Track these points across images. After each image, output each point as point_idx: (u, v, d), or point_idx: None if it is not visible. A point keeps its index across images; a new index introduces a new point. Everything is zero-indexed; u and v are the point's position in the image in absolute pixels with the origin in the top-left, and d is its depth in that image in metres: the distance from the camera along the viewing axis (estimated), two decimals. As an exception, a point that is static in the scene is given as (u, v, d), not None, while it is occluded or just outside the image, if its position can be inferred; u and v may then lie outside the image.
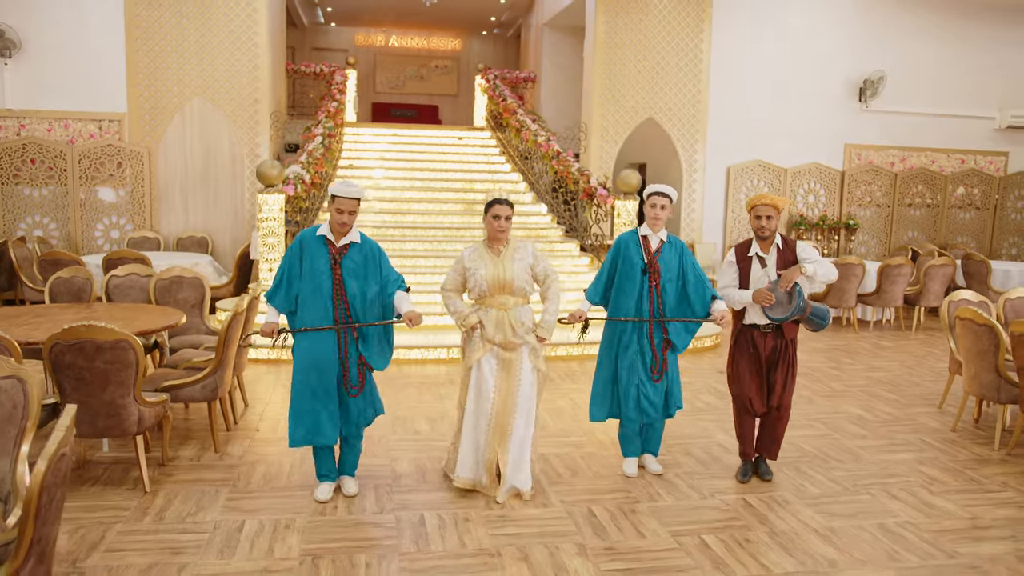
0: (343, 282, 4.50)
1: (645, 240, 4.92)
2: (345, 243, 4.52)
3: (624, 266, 4.91)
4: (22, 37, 10.44)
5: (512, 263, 4.63)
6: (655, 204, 4.86)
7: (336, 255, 4.50)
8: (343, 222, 4.43)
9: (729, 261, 4.99)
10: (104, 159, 10.83)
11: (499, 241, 4.67)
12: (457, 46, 19.81)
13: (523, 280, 4.64)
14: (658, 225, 4.89)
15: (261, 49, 11.09)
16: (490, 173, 13.12)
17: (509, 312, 4.63)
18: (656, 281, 4.86)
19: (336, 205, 4.42)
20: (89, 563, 3.86)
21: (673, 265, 4.89)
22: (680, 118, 12.13)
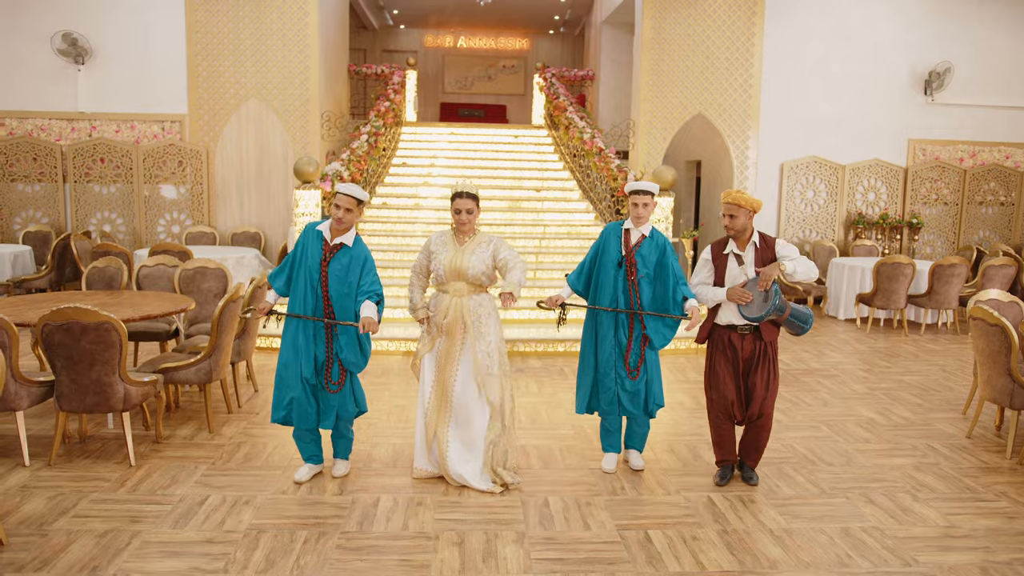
0: (327, 280, 4.65)
1: (627, 233, 4.87)
2: (337, 243, 4.67)
3: (603, 257, 4.89)
4: (93, 45, 11.16)
5: (471, 254, 4.67)
6: (636, 203, 4.80)
7: (327, 253, 4.65)
8: (339, 218, 4.59)
9: (704, 258, 4.88)
10: (166, 158, 11.44)
11: (465, 233, 4.73)
12: (525, 46, 19.91)
13: (479, 271, 4.66)
14: (641, 221, 4.84)
15: (311, 51, 11.47)
16: (541, 171, 13.17)
17: (463, 299, 4.68)
18: (632, 276, 4.80)
19: (335, 201, 4.60)
20: (54, 527, 4.13)
21: (651, 261, 4.82)
22: (731, 113, 11.85)
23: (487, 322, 4.75)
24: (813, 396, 6.94)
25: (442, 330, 4.70)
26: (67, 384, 4.87)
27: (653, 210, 4.91)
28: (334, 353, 4.70)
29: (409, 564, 3.83)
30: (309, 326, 4.68)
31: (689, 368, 7.89)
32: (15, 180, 11.31)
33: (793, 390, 7.12)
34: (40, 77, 11.19)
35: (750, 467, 4.96)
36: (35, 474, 4.83)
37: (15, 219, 11.34)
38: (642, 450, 5.14)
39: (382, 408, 6.35)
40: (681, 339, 8.51)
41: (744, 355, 4.76)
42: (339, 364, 4.73)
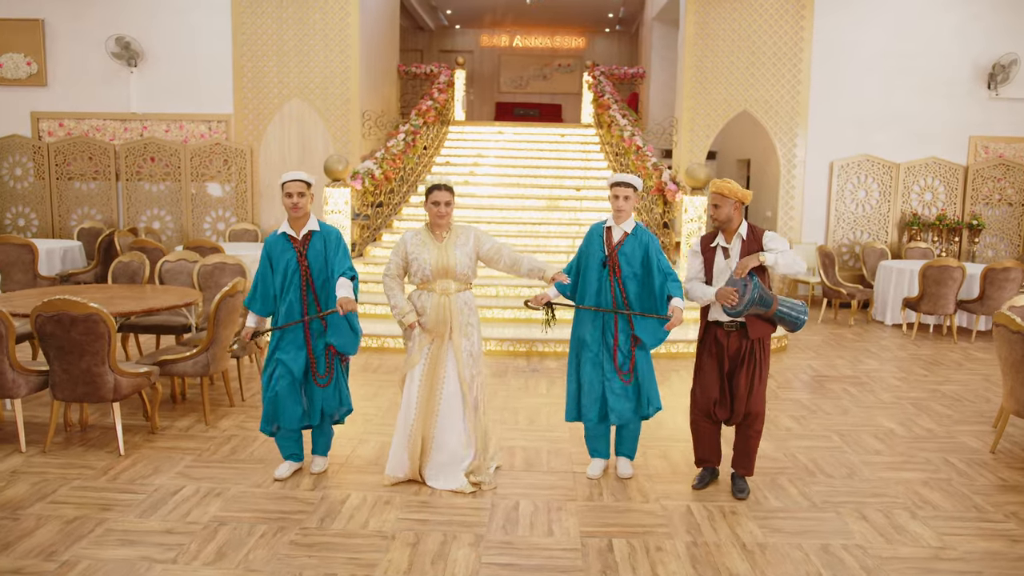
0: (309, 272, 4.65)
1: (608, 232, 4.71)
2: (306, 233, 4.67)
3: (587, 259, 4.74)
4: (144, 47, 11.54)
5: (455, 249, 4.60)
6: (617, 195, 4.63)
7: (300, 248, 4.65)
8: (293, 204, 4.59)
9: (693, 251, 4.69)
10: (212, 157, 11.75)
11: (441, 227, 4.65)
12: (581, 44, 19.73)
13: (465, 266, 4.60)
14: (622, 217, 4.67)
15: (352, 51, 11.59)
16: (583, 170, 13.01)
17: (451, 297, 4.60)
18: (616, 275, 4.64)
19: (285, 190, 4.59)
20: (28, 511, 4.24)
21: (636, 259, 4.64)
22: (777, 110, 11.44)
23: (472, 321, 4.68)
24: (834, 404, 6.61)
25: (432, 332, 4.62)
26: (59, 374, 5.01)
27: (634, 205, 4.72)
28: (323, 344, 4.68)
29: (356, 563, 3.78)
30: (300, 333, 4.67)
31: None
32: (72, 178, 11.80)
33: (814, 397, 6.80)
34: (96, 80, 11.64)
35: (741, 476, 4.73)
36: (28, 460, 4.98)
37: (72, 216, 11.83)
38: (632, 457, 4.95)
39: (382, 405, 6.34)
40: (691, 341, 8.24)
41: (730, 353, 4.55)
42: (327, 357, 4.70)
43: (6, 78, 11.58)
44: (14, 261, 9.10)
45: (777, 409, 6.43)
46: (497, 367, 7.66)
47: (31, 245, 9.08)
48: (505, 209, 11.58)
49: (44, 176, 11.75)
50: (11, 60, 11.52)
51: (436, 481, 4.66)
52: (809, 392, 6.97)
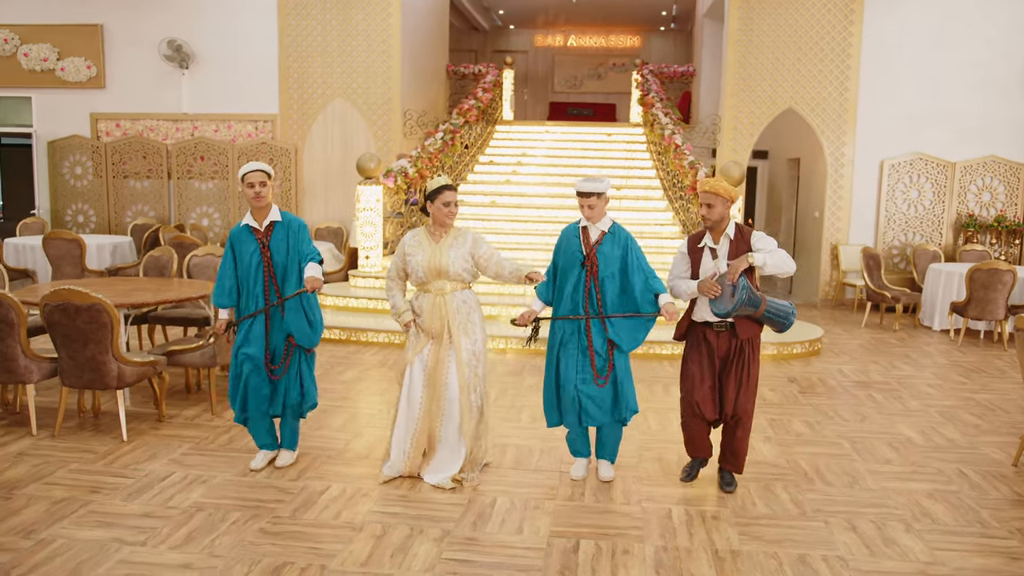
0: (272, 262, 4.71)
1: (585, 232, 4.60)
2: (268, 223, 4.73)
3: (564, 260, 4.62)
4: (195, 50, 11.92)
5: (449, 249, 4.57)
6: (582, 205, 4.52)
7: (263, 239, 4.71)
8: (255, 194, 4.64)
9: (681, 252, 4.58)
10: (258, 156, 12.05)
11: (443, 227, 4.64)
12: (636, 43, 19.50)
13: (460, 267, 4.56)
14: (595, 218, 4.57)
15: (393, 51, 11.72)
16: (627, 169, 12.86)
17: (446, 297, 4.58)
18: (594, 275, 4.54)
19: (246, 181, 4.63)
20: (23, 491, 4.42)
21: (614, 258, 4.53)
22: (824, 108, 11.06)
23: (473, 319, 4.64)
24: (853, 410, 6.35)
25: (430, 333, 4.63)
26: (66, 361, 5.21)
27: (603, 207, 4.54)
28: (283, 336, 4.73)
29: (316, 552, 3.81)
30: (257, 322, 4.72)
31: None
32: (128, 177, 12.27)
33: (834, 402, 6.54)
34: (151, 82, 12.08)
35: (729, 471, 4.62)
36: (36, 443, 5.19)
37: (127, 212, 12.30)
38: (614, 460, 4.84)
39: (390, 400, 6.37)
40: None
41: (720, 353, 4.44)
42: (285, 348, 4.73)
43: (68, 81, 12.12)
44: (64, 255, 9.51)
45: (791, 414, 6.21)
46: (515, 365, 7.63)
47: (79, 240, 9.47)
48: (543, 208, 11.53)
49: (102, 175, 12.25)
50: (72, 64, 12.05)
51: (428, 476, 4.66)
52: (830, 397, 6.71)
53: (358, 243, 9.82)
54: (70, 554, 3.73)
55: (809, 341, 8.26)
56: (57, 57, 12.07)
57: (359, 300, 9.16)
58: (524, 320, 4.62)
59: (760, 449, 5.40)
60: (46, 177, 12.34)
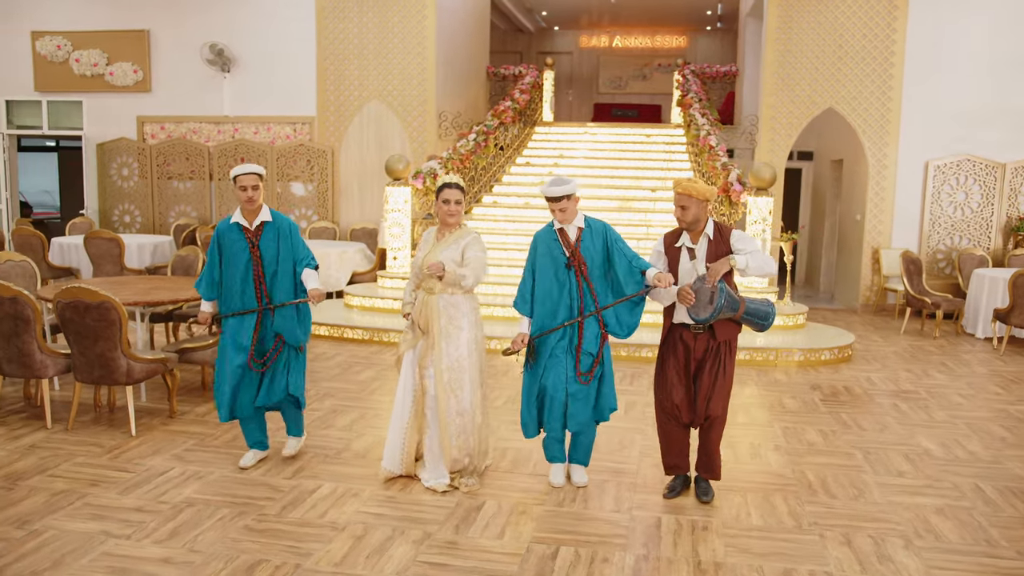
0: (261, 262, 4.75)
1: (562, 233, 4.51)
2: (258, 223, 4.77)
3: (544, 266, 4.50)
4: (236, 54, 12.18)
5: (444, 249, 4.57)
6: (553, 210, 4.43)
7: (252, 238, 4.75)
8: (247, 197, 4.69)
9: (657, 251, 4.48)
10: (296, 157, 12.25)
11: (448, 226, 4.63)
12: (682, 44, 19.22)
13: (450, 267, 4.55)
14: (567, 221, 4.49)
15: (428, 53, 11.78)
16: (664, 171, 12.68)
17: (433, 297, 4.57)
18: (583, 273, 4.46)
19: (239, 184, 4.68)
20: (26, 483, 4.55)
21: (597, 252, 4.45)
22: (866, 108, 10.73)
23: (459, 324, 4.57)
24: (874, 420, 6.13)
25: (419, 330, 4.64)
26: (78, 357, 5.35)
27: (575, 206, 4.44)
28: (268, 332, 4.77)
29: (294, 551, 3.83)
30: (247, 321, 4.77)
31: (753, 382, 7.25)
32: (171, 178, 12.60)
33: (855, 411, 6.32)
34: (194, 85, 12.39)
35: (704, 479, 4.52)
36: (49, 436, 5.35)
37: (170, 213, 12.63)
38: (587, 464, 4.76)
39: (399, 400, 6.39)
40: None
41: (696, 355, 4.34)
42: (274, 343, 4.77)
43: (116, 85, 12.51)
44: (104, 254, 9.80)
45: (807, 422, 6.03)
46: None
47: (118, 239, 9.75)
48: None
49: (147, 176, 12.61)
50: (120, 69, 12.43)
51: (423, 477, 4.65)
52: (853, 406, 6.49)
53: (386, 244, 9.90)
54: (57, 545, 3.82)
55: (839, 347, 8.01)
56: (106, 62, 12.47)
57: (385, 300, 9.22)
58: (518, 346, 4.51)
59: (767, 458, 5.25)
60: (95, 178, 12.76)
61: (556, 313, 4.46)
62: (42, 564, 3.65)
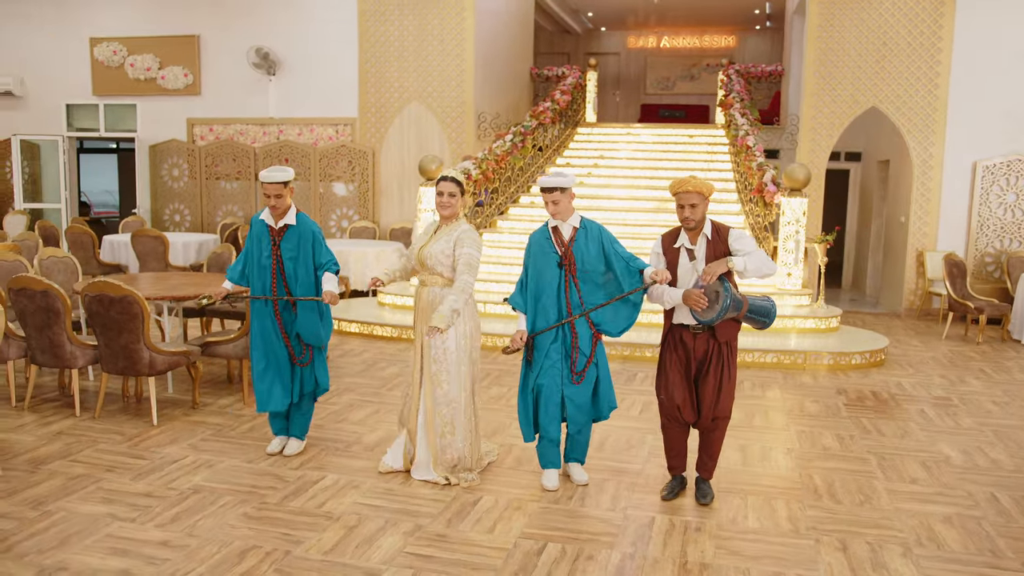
0: (282, 261, 4.91)
1: (556, 232, 4.51)
2: (283, 225, 4.93)
3: (538, 264, 4.51)
4: (281, 57, 12.47)
5: (437, 241, 4.63)
6: (547, 201, 4.44)
7: (275, 237, 4.93)
8: (271, 204, 4.86)
9: (655, 252, 4.45)
10: (338, 158, 12.49)
11: (445, 217, 4.70)
12: (731, 43, 18.95)
13: (438, 260, 4.57)
14: (561, 215, 4.49)
15: (467, 55, 11.89)
16: (705, 171, 12.52)
17: (425, 288, 4.66)
18: (572, 273, 4.46)
19: (264, 191, 4.85)
20: (47, 466, 4.77)
21: (591, 253, 4.43)
22: (911, 106, 10.43)
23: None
24: (896, 425, 5.97)
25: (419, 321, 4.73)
26: (104, 348, 5.58)
27: (570, 200, 4.44)
28: (294, 330, 4.93)
29: (287, 539, 3.93)
30: (269, 316, 4.93)
31: (777, 385, 7.13)
32: (219, 178, 12.97)
33: (877, 416, 6.17)
34: (241, 88, 12.73)
35: (704, 479, 4.49)
36: (77, 423, 5.58)
37: (217, 212, 13.01)
38: (584, 462, 4.75)
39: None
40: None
41: (697, 355, 4.30)
42: (299, 339, 4.95)
43: (167, 89, 12.94)
44: (149, 251, 10.15)
45: (825, 427, 5.91)
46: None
47: (163, 237, 10.09)
48: (612, 211, 11.38)
49: (196, 176, 13.01)
50: (172, 72, 12.86)
51: (416, 472, 4.72)
52: (877, 411, 6.34)
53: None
54: (65, 525, 4.00)
55: (870, 351, 7.82)
56: (158, 67, 12.91)
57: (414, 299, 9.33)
58: (517, 344, 4.51)
59: (776, 462, 5.17)
60: (147, 178, 13.21)
61: (548, 312, 4.47)
62: (49, 543, 3.82)
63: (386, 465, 4.80)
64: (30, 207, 13.21)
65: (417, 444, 4.70)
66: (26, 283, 5.53)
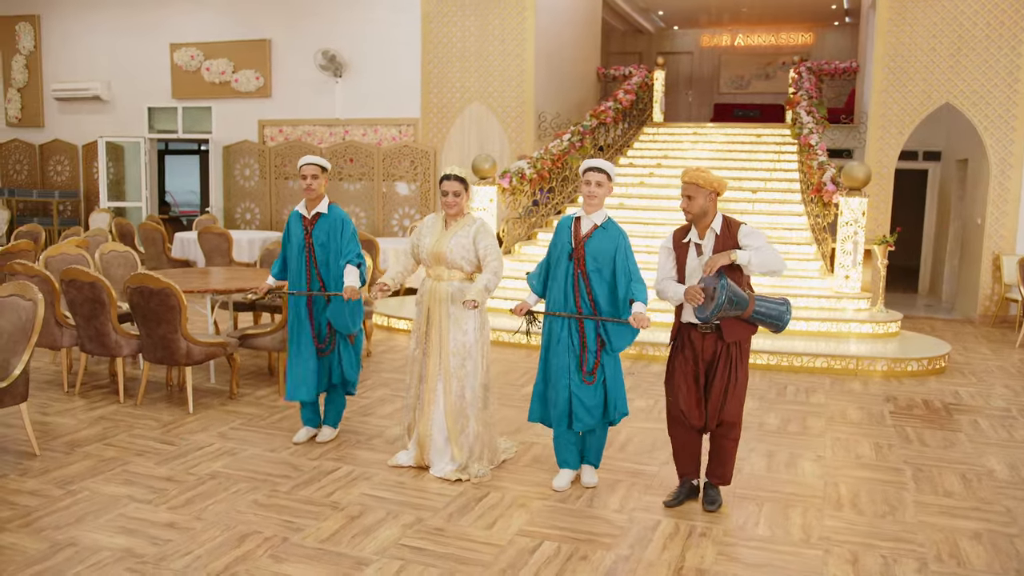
0: (314, 249, 5.06)
1: (577, 223, 4.48)
2: (315, 213, 5.07)
3: (555, 251, 4.52)
4: (347, 59, 12.76)
5: (453, 237, 4.67)
6: (589, 181, 4.40)
7: (308, 226, 5.08)
8: (306, 186, 5.02)
9: (666, 248, 4.34)
10: (400, 158, 12.69)
11: (451, 216, 4.74)
12: (808, 40, 18.35)
13: (458, 255, 4.63)
14: (592, 205, 4.44)
15: (527, 55, 11.89)
16: (770, 171, 12.20)
17: (441, 284, 4.69)
18: (581, 269, 4.42)
19: (300, 172, 5.04)
20: (83, 449, 5.01)
21: (603, 254, 4.36)
22: (988, 102, 9.88)
23: (468, 311, 4.65)
24: (942, 436, 5.66)
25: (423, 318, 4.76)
26: (145, 338, 5.82)
27: (607, 194, 4.40)
28: (322, 317, 5.06)
29: (288, 526, 4.02)
30: (303, 304, 5.07)
31: (823, 391, 6.86)
32: (287, 178, 13.36)
33: (922, 426, 5.86)
34: (309, 90, 13.09)
35: (714, 486, 4.34)
36: (119, 409, 5.84)
37: (284, 210, 13.40)
38: (597, 465, 4.66)
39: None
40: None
41: (705, 356, 4.17)
42: (328, 327, 5.07)
43: (240, 91, 13.41)
44: (214, 247, 10.54)
45: (864, 434, 5.66)
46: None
47: (227, 234, 10.46)
48: (669, 211, 11.19)
49: (266, 176, 13.44)
50: (244, 76, 13.32)
51: (435, 468, 4.75)
52: (924, 421, 6.03)
53: (470, 242, 10.07)
54: (85, 504, 4.20)
55: (928, 358, 7.44)
56: (232, 70, 13.39)
57: (465, 297, 9.39)
58: (518, 311, 4.59)
59: (803, 469, 4.98)
60: (220, 178, 13.73)
61: (556, 299, 4.48)
62: (66, 520, 4.01)
63: (396, 460, 4.85)
64: (114, 205, 13.91)
65: (434, 440, 4.72)
66: (76, 275, 5.83)
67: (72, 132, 14.60)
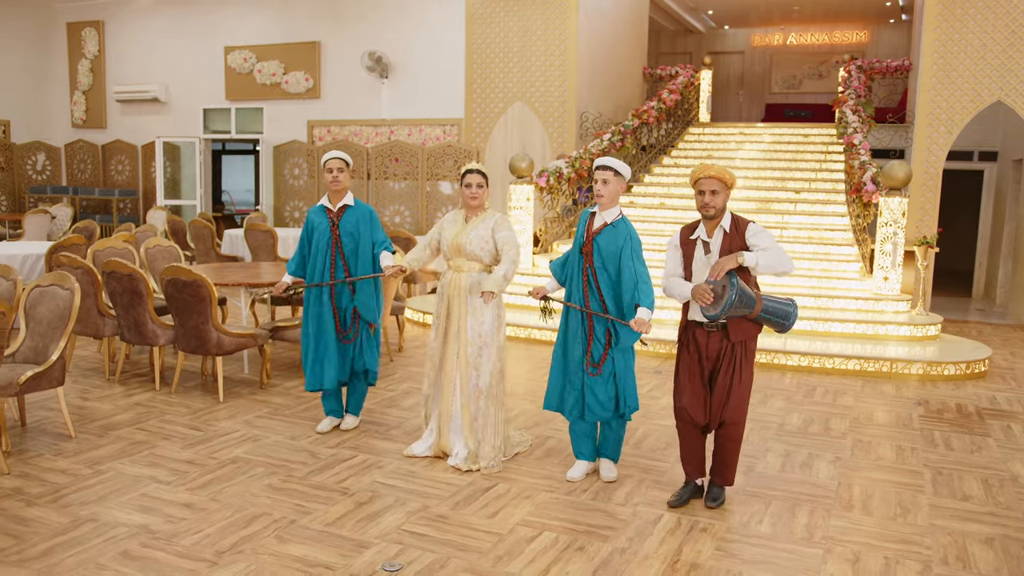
0: (340, 240, 5.22)
1: (591, 217, 4.54)
2: (342, 206, 5.23)
3: (574, 243, 4.63)
4: (393, 61, 12.98)
5: (473, 230, 4.78)
6: (596, 179, 4.46)
7: (334, 218, 5.24)
8: (332, 179, 5.18)
9: (673, 244, 4.34)
10: (444, 158, 12.85)
11: (472, 209, 4.85)
12: (863, 38, 17.94)
13: (478, 247, 4.73)
14: (603, 203, 4.48)
15: (570, 55, 11.93)
16: (815, 171, 12.02)
17: (461, 275, 4.80)
18: (590, 263, 4.47)
19: (326, 166, 5.20)
20: (116, 432, 5.25)
21: (609, 252, 4.40)
22: (1043, 100, 9.57)
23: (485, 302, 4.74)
24: (971, 441, 5.53)
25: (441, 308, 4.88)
26: (179, 328, 6.06)
27: (618, 192, 4.43)
28: (347, 305, 5.21)
29: (298, 509, 4.15)
30: (326, 293, 5.22)
31: (853, 393, 6.74)
32: (334, 177, 13.64)
33: (951, 430, 5.73)
34: (357, 91, 13.35)
35: (718, 484, 4.33)
36: (154, 396, 6.09)
37: (332, 209, 13.68)
38: (616, 459, 4.69)
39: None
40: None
41: (710, 355, 4.17)
42: (353, 316, 5.21)
43: (290, 93, 13.76)
44: (260, 244, 10.85)
45: (888, 437, 5.57)
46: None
47: (272, 231, 10.75)
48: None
49: (314, 175, 13.75)
50: (294, 77, 13.66)
51: (452, 458, 4.84)
52: (953, 425, 5.89)
53: (507, 240, 10.16)
54: (110, 484, 4.41)
55: (967, 362, 7.25)
56: (283, 72, 13.74)
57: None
58: (535, 294, 4.69)
59: (817, 470, 4.92)
60: (271, 177, 14.10)
61: (571, 289, 4.57)
62: (91, 497, 4.23)
63: (411, 451, 4.96)
64: (170, 203, 14.40)
65: (452, 431, 4.83)
66: (115, 267, 6.09)
67: (132, 133, 15.17)
